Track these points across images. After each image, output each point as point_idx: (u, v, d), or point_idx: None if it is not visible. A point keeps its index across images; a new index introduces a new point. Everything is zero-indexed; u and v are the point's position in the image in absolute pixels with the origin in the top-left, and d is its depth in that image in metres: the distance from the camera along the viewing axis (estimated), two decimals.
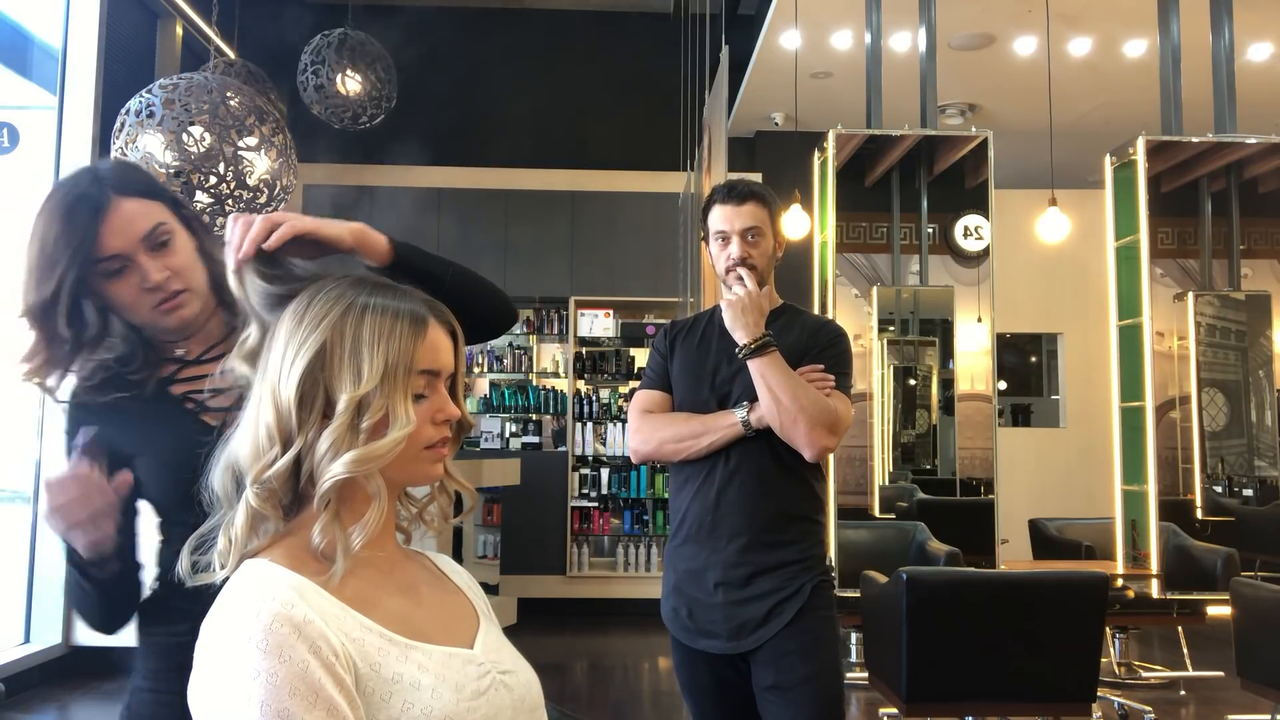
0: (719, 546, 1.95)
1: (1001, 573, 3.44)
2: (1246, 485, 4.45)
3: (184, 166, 3.36)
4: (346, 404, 0.90)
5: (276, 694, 0.78)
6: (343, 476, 0.90)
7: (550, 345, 7.37)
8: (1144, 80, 5.29)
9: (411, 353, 0.93)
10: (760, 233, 2.04)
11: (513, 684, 0.97)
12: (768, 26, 5.47)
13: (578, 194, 7.01)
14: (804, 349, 2.00)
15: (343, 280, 0.97)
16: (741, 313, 1.95)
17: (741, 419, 1.93)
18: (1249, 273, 5.09)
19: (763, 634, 1.91)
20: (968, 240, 5.69)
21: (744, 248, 2.03)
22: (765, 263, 2.05)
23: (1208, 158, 4.68)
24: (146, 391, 1.30)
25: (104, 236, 1.21)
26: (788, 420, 1.87)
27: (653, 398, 2.08)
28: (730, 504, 1.95)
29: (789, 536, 1.95)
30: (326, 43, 5.13)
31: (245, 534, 0.91)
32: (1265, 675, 3.18)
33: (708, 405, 2.01)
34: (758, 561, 1.93)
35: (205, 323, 1.33)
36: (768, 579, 1.92)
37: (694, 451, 1.97)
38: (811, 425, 1.86)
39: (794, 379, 1.90)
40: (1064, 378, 7.43)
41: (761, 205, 2.05)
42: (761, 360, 1.91)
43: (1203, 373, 4.46)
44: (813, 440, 1.87)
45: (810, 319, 2.11)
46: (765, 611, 1.91)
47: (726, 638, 1.94)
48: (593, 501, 6.81)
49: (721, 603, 1.94)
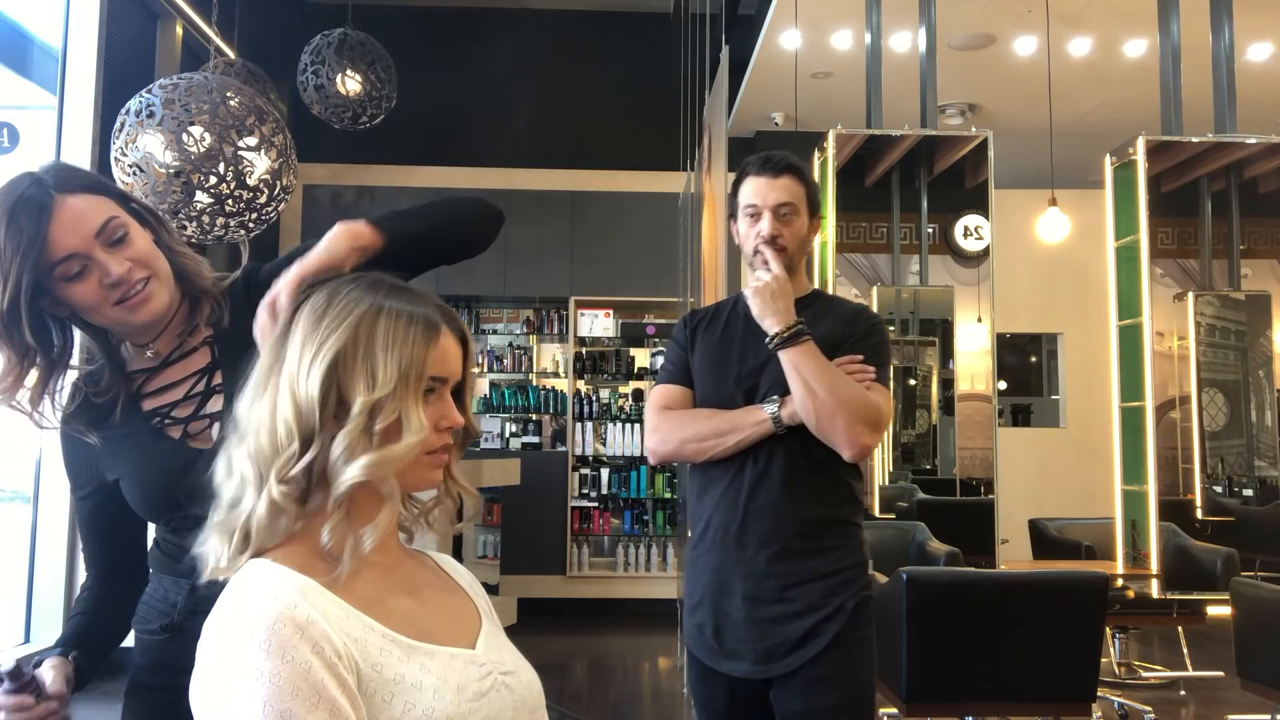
0: (746, 556, 1.77)
1: (1001, 573, 3.44)
2: (1246, 485, 4.45)
3: (184, 166, 3.36)
4: (362, 406, 0.90)
5: (279, 694, 0.78)
6: (360, 480, 0.90)
7: (550, 345, 7.38)
8: (1144, 80, 5.29)
9: (424, 359, 0.94)
10: (795, 211, 1.86)
11: (514, 684, 0.97)
12: (768, 26, 5.47)
13: (578, 194, 7.01)
14: (839, 338, 1.82)
15: (361, 280, 0.98)
16: (770, 298, 1.77)
17: (771, 415, 1.75)
18: (1249, 273, 5.09)
19: (797, 658, 1.72)
20: (968, 240, 5.69)
21: (775, 225, 1.85)
22: (796, 245, 1.87)
23: (1208, 158, 4.68)
24: (116, 415, 1.29)
25: (55, 237, 1.16)
26: (825, 416, 1.69)
27: (672, 393, 1.90)
28: (759, 509, 1.77)
29: (825, 544, 1.77)
30: (326, 43, 5.13)
31: (264, 529, 0.91)
32: (1265, 675, 3.18)
33: (732, 400, 1.83)
34: (790, 572, 1.75)
35: (173, 316, 1.31)
36: (802, 593, 1.74)
37: (719, 451, 1.79)
38: (851, 421, 1.69)
39: (831, 370, 1.73)
40: (1064, 378, 7.43)
41: (798, 181, 1.88)
42: (794, 350, 1.73)
43: (1203, 373, 4.46)
44: (853, 438, 1.70)
45: (845, 305, 1.94)
46: (801, 633, 1.72)
47: (753, 660, 1.75)
48: (593, 501, 6.81)
49: (749, 619, 1.75)
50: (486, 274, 6.91)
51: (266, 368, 0.95)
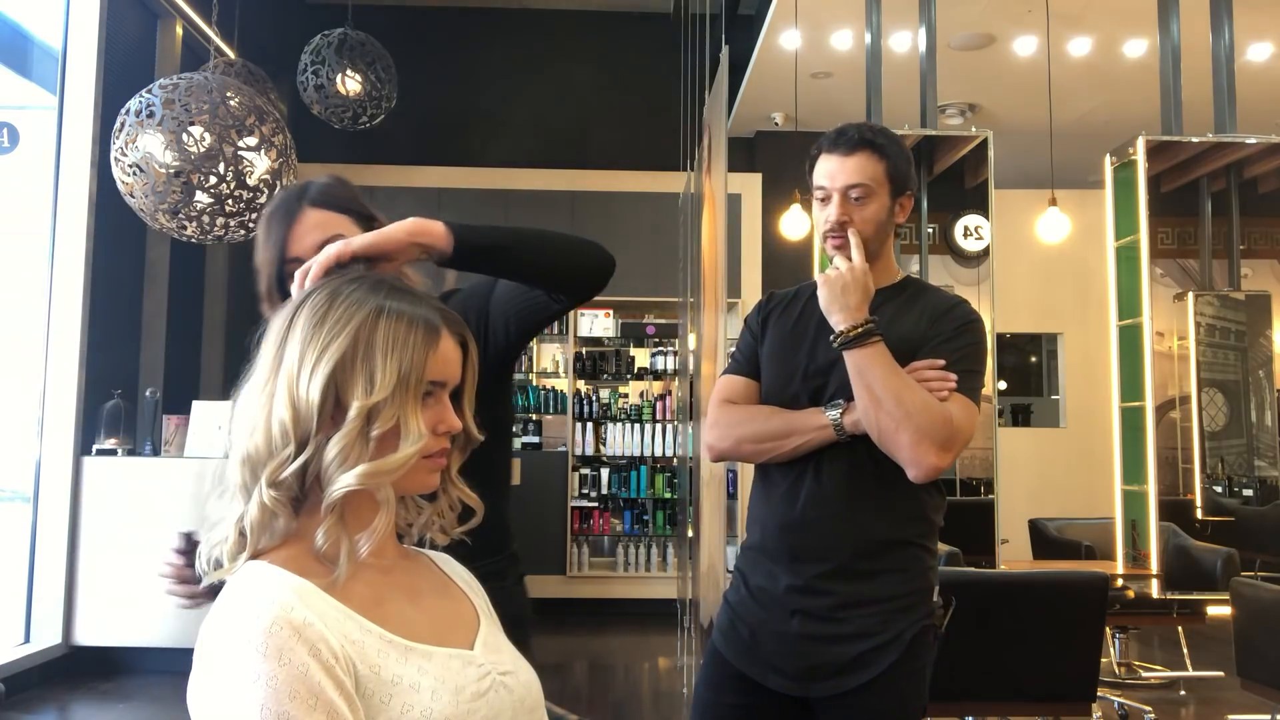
0: (800, 570, 1.61)
1: (1001, 573, 3.44)
2: (1246, 485, 4.45)
3: (184, 166, 3.36)
4: (358, 411, 0.89)
5: (276, 697, 0.78)
6: (354, 488, 0.90)
7: (550, 345, 7.38)
8: (1144, 80, 5.29)
9: (424, 363, 0.93)
10: (870, 192, 1.64)
11: (513, 684, 0.97)
12: (768, 26, 5.47)
13: (578, 194, 7.01)
14: (923, 337, 1.62)
15: (363, 281, 0.97)
16: (841, 291, 1.58)
17: (833, 421, 1.58)
18: (1249, 273, 5.09)
19: (840, 683, 1.57)
20: (968, 240, 5.69)
21: (844, 208, 1.64)
22: (873, 230, 1.65)
23: (1208, 158, 4.68)
24: None
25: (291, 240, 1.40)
26: (888, 429, 1.52)
27: (736, 385, 1.74)
28: (816, 520, 1.61)
29: (887, 565, 1.61)
30: (326, 43, 5.13)
31: (258, 531, 0.90)
32: (1265, 675, 3.17)
33: (797, 399, 1.66)
34: (847, 593, 1.59)
35: None
36: (858, 615, 1.58)
37: (778, 455, 1.63)
38: (918, 438, 1.50)
39: (900, 377, 1.54)
40: (1064, 378, 7.43)
41: (876, 157, 1.65)
42: (860, 352, 1.54)
43: (1203, 373, 4.46)
44: (918, 457, 1.51)
45: (937, 297, 1.71)
46: (852, 657, 1.57)
47: (794, 677, 1.60)
48: (593, 501, 6.81)
49: (798, 634, 1.60)
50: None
51: (265, 369, 0.94)
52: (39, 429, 4.74)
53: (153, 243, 5.50)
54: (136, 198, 3.43)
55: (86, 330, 4.81)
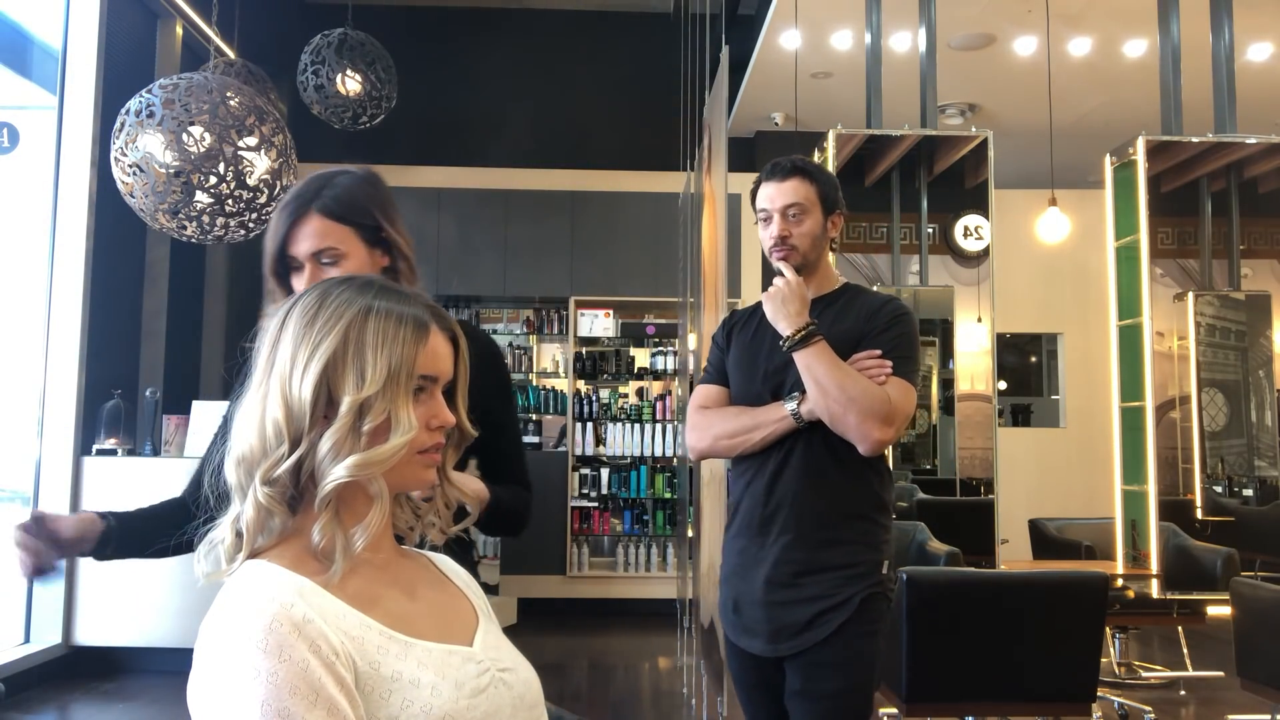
0: (767, 542, 1.88)
1: (1001, 573, 3.44)
2: (1246, 485, 4.45)
3: (184, 166, 3.36)
4: (349, 406, 0.90)
5: (277, 693, 0.78)
6: (345, 480, 0.90)
7: (550, 345, 7.38)
8: (1144, 80, 5.29)
9: (413, 357, 0.94)
10: (804, 210, 1.93)
11: (512, 681, 0.97)
12: (768, 26, 5.47)
13: (578, 194, 7.01)
14: (861, 333, 1.89)
15: (352, 282, 0.98)
16: (783, 303, 1.87)
17: (792, 411, 1.84)
18: (1249, 273, 5.09)
19: (800, 641, 1.83)
20: (968, 240, 5.69)
21: (784, 225, 1.92)
22: (809, 243, 1.94)
23: (1208, 158, 4.67)
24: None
25: (290, 240, 1.46)
26: (836, 413, 1.78)
27: (710, 393, 2.02)
28: (780, 498, 1.88)
29: (841, 536, 1.85)
30: (326, 43, 5.13)
31: (255, 530, 0.91)
32: (1265, 675, 3.17)
33: (760, 398, 1.93)
34: (804, 561, 1.84)
35: None
36: (814, 582, 1.83)
37: (748, 446, 1.90)
38: (862, 417, 1.77)
39: (841, 368, 1.80)
40: (1064, 378, 7.43)
41: (806, 180, 1.94)
42: (806, 351, 1.82)
43: (1203, 373, 4.46)
44: (865, 433, 1.78)
45: (870, 299, 1.97)
46: (808, 619, 1.82)
47: (766, 639, 1.87)
48: (593, 501, 6.81)
49: (765, 601, 1.86)
50: (486, 274, 6.91)
51: (260, 371, 0.95)
52: (39, 429, 4.74)
53: (153, 243, 5.50)
54: (136, 198, 3.43)
55: (86, 330, 4.81)
